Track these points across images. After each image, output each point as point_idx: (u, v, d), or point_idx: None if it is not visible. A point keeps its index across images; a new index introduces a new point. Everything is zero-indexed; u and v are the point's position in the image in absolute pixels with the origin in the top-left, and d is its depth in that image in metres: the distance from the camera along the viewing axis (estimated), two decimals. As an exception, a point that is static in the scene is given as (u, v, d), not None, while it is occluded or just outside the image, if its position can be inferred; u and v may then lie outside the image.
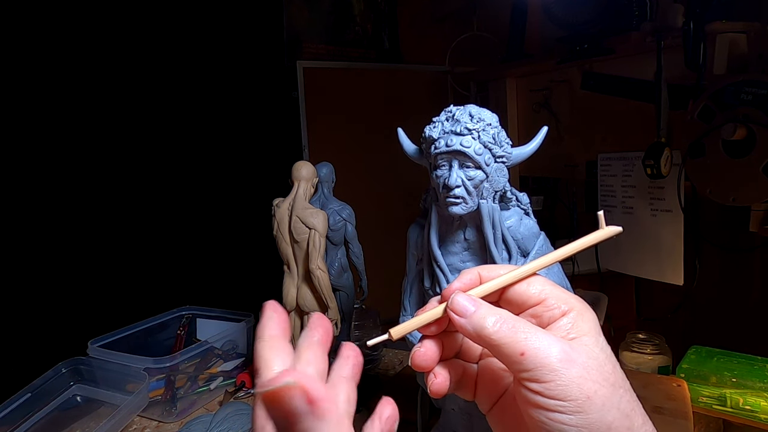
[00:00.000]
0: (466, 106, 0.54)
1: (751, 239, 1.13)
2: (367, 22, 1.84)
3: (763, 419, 0.73)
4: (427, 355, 0.33)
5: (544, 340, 0.29)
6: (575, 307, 0.32)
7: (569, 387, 0.28)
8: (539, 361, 0.28)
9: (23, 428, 0.86)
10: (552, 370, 0.28)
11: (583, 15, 1.30)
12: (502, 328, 0.30)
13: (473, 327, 0.31)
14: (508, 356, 0.29)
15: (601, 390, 0.28)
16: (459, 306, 0.32)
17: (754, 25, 1.00)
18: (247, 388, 1.01)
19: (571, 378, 0.28)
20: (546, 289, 0.33)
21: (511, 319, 0.30)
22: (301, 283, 0.77)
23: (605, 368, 0.29)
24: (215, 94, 1.58)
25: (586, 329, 0.31)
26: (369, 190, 1.66)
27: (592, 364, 0.29)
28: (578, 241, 0.34)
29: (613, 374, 0.29)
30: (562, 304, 0.32)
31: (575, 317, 0.31)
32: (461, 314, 0.31)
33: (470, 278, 0.34)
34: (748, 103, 0.92)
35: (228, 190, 1.61)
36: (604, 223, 0.35)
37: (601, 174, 1.29)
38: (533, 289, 0.33)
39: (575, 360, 0.29)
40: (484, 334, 0.30)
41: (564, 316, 0.31)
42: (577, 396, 0.28)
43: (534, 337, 0.29)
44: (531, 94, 1.53)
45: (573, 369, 0.28)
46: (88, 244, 1.39)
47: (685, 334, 1.35)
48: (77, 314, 1.31)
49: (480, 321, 0.31)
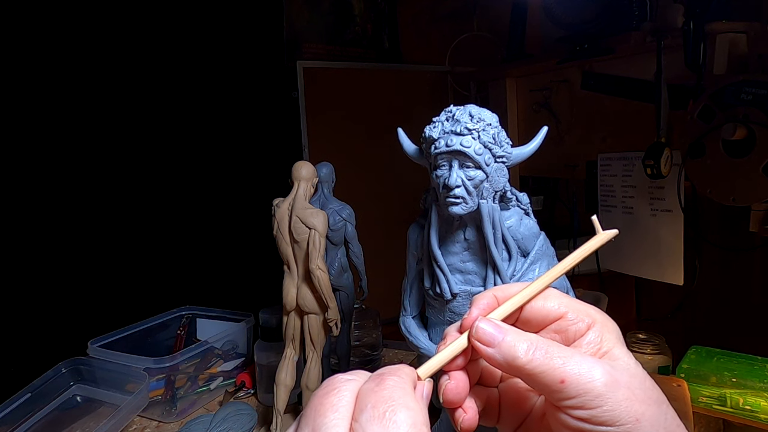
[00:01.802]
0: (466, 106, 0.54)
1: (751, 239, 1.13)
2: (367, 22, 1.84)
3: (763, 419, 0.73)
4: (459, 387, 0.30)
5: (584, 364, 0.27)
6: (597, 319, 0.31)
7: (617, 411, 0.26)
8: (582, 388, 0.27)
9: (23, 428, 0.86)
10: (597, 396, 0.26)
11: (583, 15, 1.30)
12: (536, 356, 0.28)
13: (503, 357, 0.29)
14: (547, 385, 0.27)
15: (649, 411, 0.27)
16: (485, 334, 0.29)
17: (754, 25, 1.00)
18: (247, 388, 1.01)
19: (619, 401, 0.26)
20: (564, 302, 0.31)
21: (544, 344, 0.28)
22: (301, 283, 0.77)
23: (646, 385, 0.28)
24: (215, 94, 1.58)
25: (614, 340, 0.30)
26: (369, 190, 1.66)
27: (635, 382, 0.27)
28: (578, 250, 0.34)
29: (654, 389, 0.28)
30: (584, 317, 0.30)
31: (601, 329, 0.30)
32: (488, 344, 0.29)
33: (487, 303, 0.32)
34: (748, 103, 0.92)
35: (228, 190, 1.61)
36: (600, 227, 0.34)
37: (601, 174, 1.29)
38: (551, 304, 0.31)
39: (620, 381, 0.27)
40: (516, 365, 0.28)
41: (590, 329, 0.30)
42: (627, 420, 0.26)
43: (573, 362, 0.27)
44: (531, 94, 1.53)
45: (619, 391, 0.27)
46: (88, 244, 1.39)
47: (685, 334, 1.35)
48: (77, 314, 1.31)
49: (510, 350, 0.28)
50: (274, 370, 0.81)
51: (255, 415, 0.88)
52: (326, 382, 0.27)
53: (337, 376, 0.27)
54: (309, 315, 0.78)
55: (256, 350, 0.95)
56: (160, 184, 1.50)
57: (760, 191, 0.93)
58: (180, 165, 1.53)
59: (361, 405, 0.25)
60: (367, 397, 0.25)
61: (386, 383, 0.26)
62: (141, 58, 1.44)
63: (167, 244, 1.51)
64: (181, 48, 1.50)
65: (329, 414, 0.25)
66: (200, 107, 1.55)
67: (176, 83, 1.50)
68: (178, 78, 1.51)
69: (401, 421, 0.24)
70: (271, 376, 0.83)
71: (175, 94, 1.50)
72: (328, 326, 0.79)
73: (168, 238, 1.51)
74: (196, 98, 1.54)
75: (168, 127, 1.51)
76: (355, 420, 0.25)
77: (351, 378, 0.27)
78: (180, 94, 1.51)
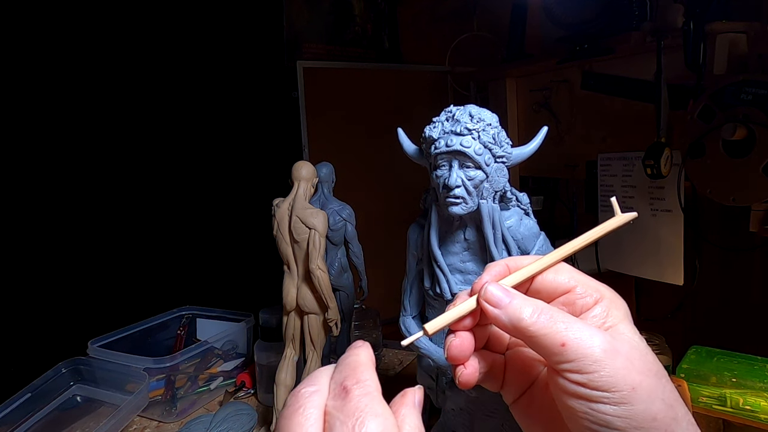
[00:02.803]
0: (466, 106, 0.54)
1: (751, 239, 1.13)
2: (367, 22, 1.84)
3: (763, 419, 0.73)
4: (463, 345, 0.32)
5: (585, 331, 0.28)
6: (606, 295, 0.31)
7: (614, 378, 0.27)
8: (581, 352, 0.27)
9: (23, 428, 0.86)
10: (595, 361, 0.27)
11: (583, 15, 1.30)
12: (540, 319, 0.29)
13: (509, 318, 0.30)
14: (547, 347, 0.28)
15: (646, 381, 0.27)
16: (493, 296, 0.31)
17: (754, 25, 1.00)
18: (247, 388, 1.01)
19: (616, 368, 0.27)
20: (575, 276, 0.32)
21: (549, 310, 0.30)
22: (301, 283, 0.77)
23: (647, 358, 0.29)
24: (215, 94, 1.58)
25: (621, 317, 0.30)
26: (369, 190, 1.66)
27: (635, 354, 0.28)
28: (595, 229, 0.34)
29: (655, 363, 0.29)
30: (593, 292, 0.31)
31: (608, 305, 0.31)
32: (496, 305, 0.30)
33: (498, 270, 0.33)
34: (748, 103, 0.92)
35: (228, 190, 1.61)
36: (619, 209, 0.35)
37: (601, 174, 1.29)
38: (562, 277, 0.32)
39: (619, 350, 0.28)
40: (521, 326, 0.29)
41: (597, 304, 0.31)
42: (623, 387, 0.27)
43: (574, 327, 0.28)
44: (531, 94, 1.53)
45: (617, 359, 0.27)
46: (88, 244, 1.39)
47: (685, 334, 1.35)
48: (77, 314, 1.31)
49: (516, 312, 0.30)
50: (274, 370, 0.81)
51: (255, 415, 0.88)
52: (290, 400, 0.26)
53: (299, 391, 0.27)
54: (309, 315, 0.78)
55: (256, 350, 0.95)
56: (160, 184, 1.50)
57: (760, 191, 0.93)
58: (180, 165, 1.53)
59: (330, 423, 0.25)
60: (335, 416, 0.25)
61: (351, 395, 0.26)
62: (141, 58, 1.44)
63: (167, 244, 1.51)
64: (181, 48, 1.50)
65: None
66: (200, 107, 1.55)
67: (176, 83, 1.50)
68: (178, 78, 1.51)
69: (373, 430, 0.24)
70: (271, 376, 0.83)
71: (175, 94, 1.50)
72: (328, 326, 0.79)
73: (168, 238, 1.51)
74: (196, 98, 1.54)
75: (168, 127, 1.51)
76: None
77: (314, 389, 0.27)
78: (180, 94, 1.51)
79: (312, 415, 0.25)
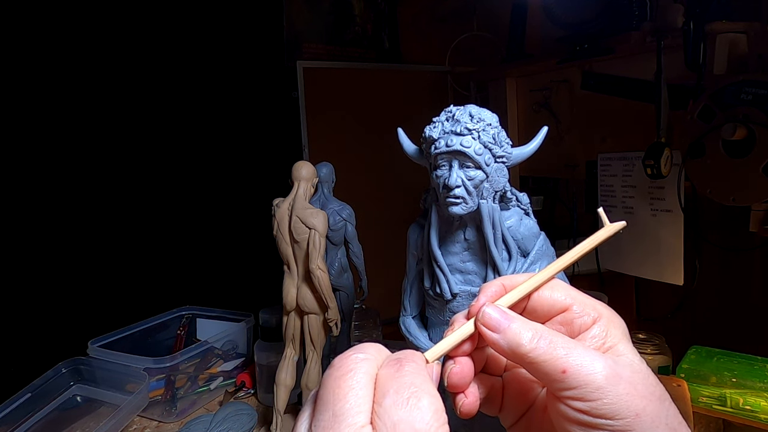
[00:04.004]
0: (466, 106, 0.54)
1: (751, 239, 1.13)
2: (367, 22, 1.84)
3: (763, 419, 0.73)
4: (464, 372, 0.31)
5: (586, 356, 0.27)
6: (604, 314, 0.31)
7: (617, 405, 0.26)
8: (583, 379, 0.27)
9: (23, 428, 0.86)
10: (598, 388, 0.26)
11: (583, 15, 1.30)
12: (540, 344, 0.28)
13: (508, 343, 0.29)
14: (548, 374, 0.28)
15: (650, 406, 0.27)
16: (491, 320, 0.29)
17: (754, 25, 1.00)
18: (247, 388, 1.01)
19: (619, 395, 0.26)
20: (571, 294, 0.32)
21: (548, 334, 0.29)
22: (301, 283, 0.77)
23: (649, 381, 0.28)
24: (215, 94, 1.58)
25: (619, 336, 0.30)
26: (369, 190, 1.66)
27: (638, 378, 0.28)
28: (585, 241, 0.34)
29: (657, 386, 0.28)
30: (590, 311, 0.31)
31: (606, 324, 0.30)
32: (494, 329, 0.29)
33: (494, 290, 0.32)
34: (748, 103, 0.92)
35: (228, 190, 1.61)
36: (607, 220, 0.34)
37: (601, 174, 1.29)
38: (557, 295, 0.31)
39: (621, 375, 0.27)
40: (520, 352, 0.28)
41: (595, 324, 0.30)
42: (626, 414, 0.26)
43: (575, 353, 0.27)
44: (531, 94, 1.53)
45: (620, 386, 0.27)
46: (87, 244, 1.39)
47: (685, 334, 1.35)
48: (77, 314, 1.31)
49: (515, 337, 0.29)
50: (274, 370, 0.81)
51: (255, 415, 0.88)
52: (339, 362, 0.26)
53: (349, 355, 0.27)
54: (309, 315, 0.78)
55: (256, 350, 0.95)
56: (160, 184, 1.50)
57: (760, 191, 0.93)
58: (180, 165, 1.53)
59: (382, 389, 0.25)
60: (388, 382, 0.25)
61: (405, 369, 0.26)
62: (141, 58, 1.44)
63: (167, 244, 1.51)
64: (181, 48, 1.50)
65: (349, 397, 0.25)
66: (200, 107, 1.55)
67: (176, 83, 1.50)
68: (178, 78, 1.51)
69: (425, 407, 0.24)
70: (271, 376, 0.83)
71: (175, 94, 1.50)
72: (328, 326, 0.79)
73: (168, 238, 1.51)
74: (196, 98, 1.54)
75: (168, 127, 1.51)
76: (378, 404, 0.25)
77: (364, 357, 0.27)
78: (180, 94, 1.51)
79: (362, 381, 0.26)
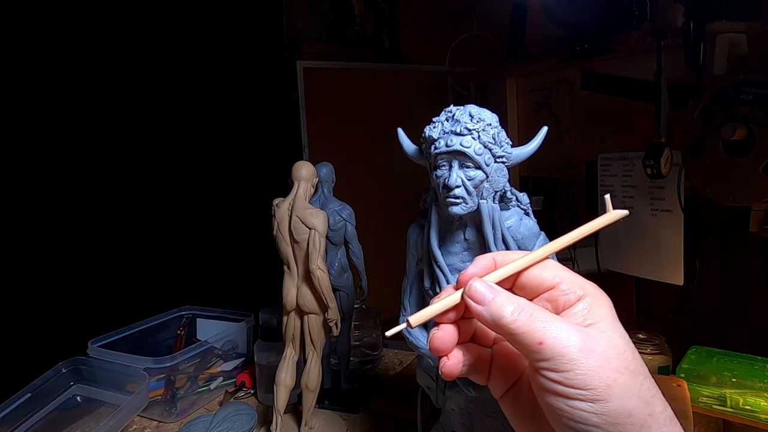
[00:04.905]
0: (466, 106, 0.54)
1: (751, 239, 1.13)
2: (367, 22, 1.84)
3: (763, 419, 0.73)
4: (445, 338, 0.33)
5: (562, 330, 0.29)
6: (590, 292, 0.32)
7: (589, 376, 0.28)
8: (558, 351, 0.28)
9: (23, 428, 0.86)
10: (571, 360, 0.28)
11: (583, 15, 1.30)
12: (520, 317, 0.30)
13: (491, 315, 0.31)
14: (526, 345, 0.29)
15: (621, 378, 0.28)
16: (476, 293, 0.31)
17: (754, 25, 1.00)
18: (247, 388, 1.01)
19: (591, 367, 0.28)
20: (560, 273, 0.33)
21: (530, 308, 0.30)
22: (301, 283, 0.77)
23: (625, 355, 0.29)
24: (215, 94, 1.58)
25: (603, 314, 0.31)
26: (369, 190, 1.66)
27: (612, 352, 0.29)
28: (587, 225, 0.34)
29: (633, 361, 0.29)
30: (577, 289, 0.32)
31: (591, 302, 0.31)
32: (479, 301, 0.31)
33: (485, 264, 0.34)
34: (748, 103, 0.92)
35: (228, 190, 1.61)
36: (611, 206, 0.35)
37: (601, 174, 1.29)
38: (547, 273, 0.33)
39: (594, 349, 0.28)
40: (502, 323, 0.30)
41: (579, 301, 0.31)
42: (597, 385, 0.28)
43: (552, 326, 0.29)
44: (531, 94, 1.53)
45: (592, 358, 0.28)
46: (87, 244, 1.39)
47: (685, 334, 1.35)
48: (77, 314, 1.31)
49: (498, 309, 0.30)
50: (274, 370, 0.81)
51: (255, 415, 0.88)
52: None
53: None
54: (309, 315, 0.78)
55: (256, 350, 0.95)
56: (161, 184, 1.50)
57: (760, 191, 0.93)
58: (180, 165, 1.53)
59: None
60: None
61: None
62: (141, 58, 1.44)
63: (167, 244, 1.51)
64: (181, 48, 1.50)
65: None
66: (200, 107, 1.55)
67: (177, 83, 1.50)
68: (178, 78, 1.51)
69: None
70: (271, 376, 0.83)
71: (176, 94, 1.50)
72: (328, 326, 0.79)
73: (168, 238, 1.51)
74: (197, 98, 1.54)
75: (168, 127, 1.51)
76: None
77: None
78: (180, 94, 1.51)
79: None
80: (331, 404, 0.90)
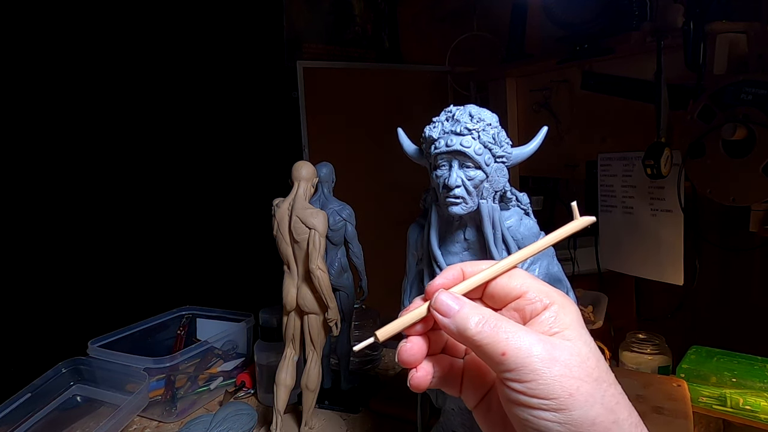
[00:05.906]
0: (466, 106, 0.54)
1: (751, 239, 1.13)
2: (367, 22, 1.84)
3: (763, 419, 0.73)
4: (413, 350, 0.33)
5: (525, 340, 0.29)
6: (557, 301, 0.32)
7: (551, 385, 0.28)
8: (520, 361, 0.28)
9: (23, 428, 0.86)
10: (533, 370, 0.28)
11: (583, 15, 1.30)
12: (485, 329, 0.30)
13: (456, 327, 0.31)
14: (491, 356, 0.29)
15: (584, 386, 0.28)
16: (442, 305, 0.32)
17: (754, 25, 1.00)
18: (247, 388, 1.01)
19: (553, 377, 0.28)
20: (527, 282, 0.33)
21: (494, 319, 0.30)
22: (301, 283, 0.77)
23: (588, 364, 0.29)
24: (215, 94, 1.58)
25: (569, 322, 0.31)
26: (369, 190, 1.66)
27: (575, 360, 0.29)
28: (555, 233, 0.35)
29: (597, 369, 0.29)
30: (543, 297, 0.32)
31: (557, 310, 0.31)
32: (444, 313, 0.31)
33: (453, 274, 0.34)
34: (748, 103, 0.92)
35: (228, 190, 1.61)
36: (578, 213, 0.36)
37: (601, 174, 1.29)
38: (514, 282, 0.33)
39: (557, 358, 0.29)
40: (467, 335, 0.30)
41: (546, 309, 0.31)
42: (560, 394, 0.28)
43: (515, 337, 0.29)
44: (531, 94, 1.53)
45: (555, 367, 0.28)
46: (87, 244, 1.39)
47: (685, 334, 1.35)
48: (77, 314, 1.31)
49: (463, 321, 0.31)
50: (274, 370, 0.81)
51: (255, 415, 0.88)
52: None
53: None
54: (309, 315, 0.78)
55: (256, 350, 0.95)
56: (161, 184, 1.50)
57: (760, 191, 0.93)
58: (180, 165, 1.53)
59: None
60: None
61: None
62: (141, 58, 1.44)
63: (167, 244, 1.51)
64: (181, 48, 1.50)
65: None
66: (200, 107, 1.55)
67: (176, 83, 1.50)
68: (178, 78, 1.51)
69: None
70: (271, 376, 0.83)
71: (176, 94, 1.50)
72: (328, 326, 0.79)
73: (168, 238, 1.51)
74: (197, 98, 1.54)
75: (168, 127, 1.51)
76: None
77: None
78: (180, 94, 1.51)
79: None
80: (331, 404, 0.90)
